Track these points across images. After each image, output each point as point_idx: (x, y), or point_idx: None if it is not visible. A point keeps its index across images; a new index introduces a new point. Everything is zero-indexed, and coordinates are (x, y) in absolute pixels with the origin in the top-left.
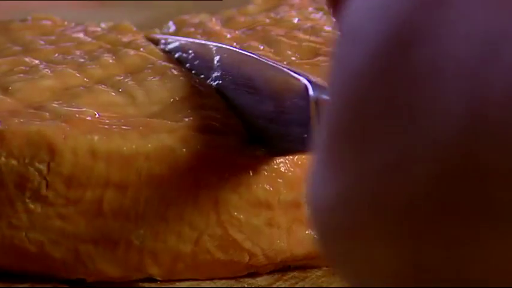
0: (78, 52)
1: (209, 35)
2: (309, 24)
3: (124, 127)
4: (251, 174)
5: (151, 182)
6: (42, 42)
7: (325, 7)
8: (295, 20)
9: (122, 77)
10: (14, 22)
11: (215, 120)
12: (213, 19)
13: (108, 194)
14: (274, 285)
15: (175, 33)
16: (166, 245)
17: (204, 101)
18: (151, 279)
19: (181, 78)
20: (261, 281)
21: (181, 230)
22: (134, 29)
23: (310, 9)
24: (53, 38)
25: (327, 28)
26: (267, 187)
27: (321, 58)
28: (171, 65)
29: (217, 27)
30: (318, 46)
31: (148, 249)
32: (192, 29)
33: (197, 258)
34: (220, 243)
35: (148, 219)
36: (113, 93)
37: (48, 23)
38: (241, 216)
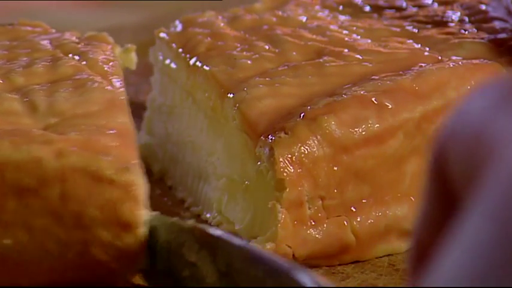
0: (24, 59)
1: (215, 35)
2: (315, 23)
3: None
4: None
5: (17, 192)
6: None
7: None
8: (302, 19)
9: (38, 87)
10: None
11: (108, 140)
12: (219, 17)
13: None
14: None
15: (182, 33)
16: (32, 257)
17: (110, 119)
18: None
19: (100, 93)
20: None
21: (47, 244)
22: (110, 39)
23: (317, 7)
24: (15, 43)
25: (333, 27)
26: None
27: (326, 58)
28: (98, 78)
29: (223, 27)
30: (323, 46)
31: (14, 261)
32: (199, 30)
33: (66, 274)
34: (83, 260)
35: (13, 230)
36: (17, 103)
37: (28, 28)
38: (105, 235)
